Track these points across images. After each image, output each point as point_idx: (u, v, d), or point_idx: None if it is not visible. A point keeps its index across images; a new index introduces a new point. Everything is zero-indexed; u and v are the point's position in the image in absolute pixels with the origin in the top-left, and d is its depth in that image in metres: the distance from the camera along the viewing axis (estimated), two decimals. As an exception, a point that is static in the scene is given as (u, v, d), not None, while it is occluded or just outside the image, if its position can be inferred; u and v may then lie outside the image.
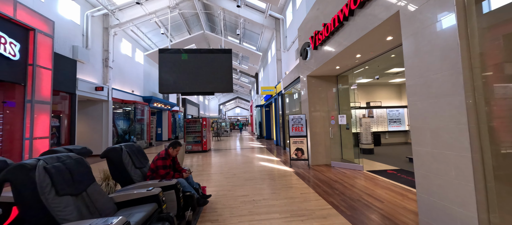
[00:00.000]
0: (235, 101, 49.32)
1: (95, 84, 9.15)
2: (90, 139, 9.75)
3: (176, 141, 3.14)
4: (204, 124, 9.72)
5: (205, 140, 9.65)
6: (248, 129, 28.90)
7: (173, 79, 9.66)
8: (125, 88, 11.81)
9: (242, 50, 14.46)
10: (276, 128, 11.62)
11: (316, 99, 6.18)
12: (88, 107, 9.88)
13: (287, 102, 9.62)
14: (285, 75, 9.65)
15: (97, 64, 9.68)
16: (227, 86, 9.69)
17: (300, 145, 5.95)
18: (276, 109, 11.63)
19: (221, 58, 9.82)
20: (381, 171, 4.99)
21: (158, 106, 15.18)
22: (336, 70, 5.66)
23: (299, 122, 6.02)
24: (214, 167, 6.39)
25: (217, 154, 8.93)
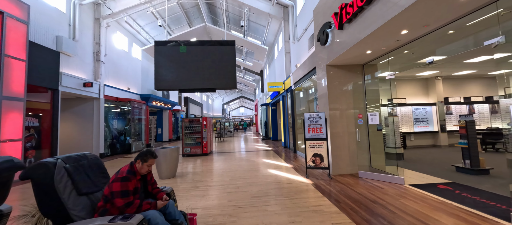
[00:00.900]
0: (239, 101, 48.34)
1: (83, 80, 8.23)
2: (79, 141, 8.84)
3: (148, 150, 2.08)
4: (205, 124, 8.68)
5: (206, 142, 8.61)
6: (253, 129, 27.81)
7: (171, 74, 8.69)
8: (120, 85, 10.90)
9: (247, 44, 13.38)
10: (284, 129, 10.50)
11: (337, 94, 5.03)
12: (77, 105, 8.99)
13: (300, 97, 8.47)
14: (295, 68, 8.51)
15: (87, 57, 8.76)
16: (230, 82, 8.66)
17: (319, 150, 4.82)
18: (285, 108, 10.51)
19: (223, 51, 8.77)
20: (430, 186, 3.82)
21: (157, 105, 14.26)
22: (365, 56, 4.50)
23: (317, 122, 4.89)
24: (213, 175, 5.32)
25: (218, 158, 7.87)
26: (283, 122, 10.57)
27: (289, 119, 9.76)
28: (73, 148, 8.76)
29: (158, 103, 14.26)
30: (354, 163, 4.94)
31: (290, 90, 8.97)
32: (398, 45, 3.93)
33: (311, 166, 4.85)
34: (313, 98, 7.41)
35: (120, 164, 7.43)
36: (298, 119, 8.53)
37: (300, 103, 8.47)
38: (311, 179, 4.67)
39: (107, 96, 9.61)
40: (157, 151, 5.08)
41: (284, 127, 10.53)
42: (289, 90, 9.29)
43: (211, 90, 8.45)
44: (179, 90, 8.27)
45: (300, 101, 8.45)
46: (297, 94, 8.72)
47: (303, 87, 7.90)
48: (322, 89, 5.26)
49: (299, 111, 8.53)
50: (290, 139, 9.69)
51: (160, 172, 5.10)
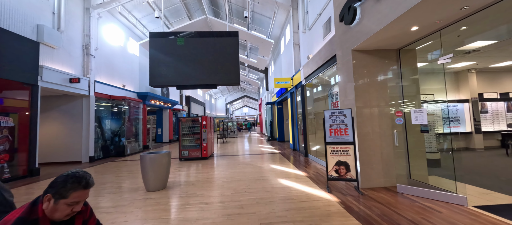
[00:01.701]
0: (243, 100, 47.45)
1: (70, 75, 7.40)
2: (67, 143, 8.02)
3: (71, 174, 1.12)
4: (204, 124, 7.74)
5: (206, 145, 7.66)
6: (257, 129, 26.86)
7: (168, 69, 7.76)
8: (114, 82, 10.07)
9: (251, 38, 12.40)
10: (292, 129, 9.49)
11: (365, 86, 4.01)
12: (65, 104, 8.16)
13: (313, 93, 7.45)
14: (307, 60, 7.49)
15: (75, 51, 7.93)
16: (233, 77, 7.70)
17: (344, 157, 3.81)
18: (293, 106, 9.50)
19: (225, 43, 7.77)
20: (504, 209, 2.77)
21: (156, 104, 13.42)
22: (405, 36, 3.47)
23: (341, 121, 3.88)
24: (212, 187, 4.36)
25: (220, 163, 6.92)
26: (292, 122, 9.56)
27: (299, 119, 8.74)
28: (60, 151, 7.95)
29: (157, 101, 13.42)
30: (388, 174, 3.91)
31: (300, 86, 7.95)
32: (459, 17, 2.89)
33: (334, 177, 3.84)
34: (327, 93, 6.40)
35: (109, 170, 6.56)
36: (310, 117, 7.51)
37: (312, 100, 7.45)
38: (335, 194, 3.66)
39: (98, 93, 8.77)
40: (143, 157, 4.15)
41: (292, 127, 9.52)
42: (299, 85, 8.27)
43: (212, 86, 7.50)
44: (176, 87, 7.34)
45: (312, 98, 7.42)
46: (308, 90, 7.70)
47: (316, 81, 6.87)
48: (346, 80, 4.24)
49: (310, 109, 7.50)
50: (299, 141, 8.68)
51: (146, 183, 4.17)
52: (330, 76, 6.10)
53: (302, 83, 7.80)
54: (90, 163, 7.96)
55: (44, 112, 8.04)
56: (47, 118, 8.05)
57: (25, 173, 5.83)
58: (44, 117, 8.03)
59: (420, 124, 3.47)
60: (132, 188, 4.40)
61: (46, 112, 8.05)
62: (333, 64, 5.26)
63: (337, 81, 5.62)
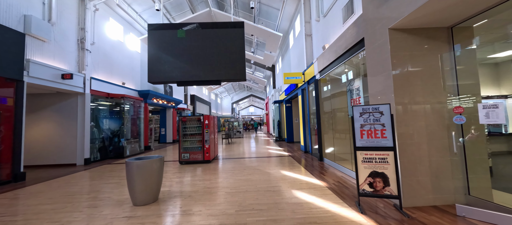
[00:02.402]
0: (249, 100, 46.72)
1: (62, 71, 6.82)
2: (60, 144, 7.47)
3: None
4: (207, 123, 6.99)
5: (208, 147, 6.92)
6: (264, 129, 26.03)
7: (167, 64, 6.97)
8: (113, 79, 9.51)
9: (258, 32, 11.58)
10: (304, 129, 8.61)
11: (408, 76, 3.12)
12: (59, 102, 7.62)
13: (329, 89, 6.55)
14: (322, 51, 6.60)
15: (69, 45, 7.36)
16: (238, 73, 6.86)
17: (380, 167, 2.93)
18: (305, 103, 8.61)
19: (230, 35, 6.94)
20: None
21: (159, 102, 12.84)
22: (461, 8, 2.57)
23: (376, 120, 3.00)
24: (212, 202, 3.58)
25: (223, 168, 6.15)
26: (303, 121, 8.68)
27: (312, 118, 7.85)
28: (52, 153, 7.41)
29: (159, 100, 12.84)
30: (440, 188, 3.00)
31: (314, 81, 7.06)
32: None
33: (368, 193, 2.97)
34: (346, 89, 5.52)
35: (101, 174, 5.91)
36: (325, 116, 6.62)
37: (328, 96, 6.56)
38: (371, 215, 2.79)
39: (95, 91, 8.20)
40: (129, 164, 3.42)
41: (303, 127, 8.64)
42: (312, 80, 7.38)
43: (216, 82, 6.71)
44: (177, 83, 6.62)
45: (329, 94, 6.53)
46: (324, 85, 6.80)
47: (334, 74, 5.98)
48: (379, 69, 3.35)
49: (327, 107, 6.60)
50: (312, 143, 7.79)
51: (133, 195, 3.43)
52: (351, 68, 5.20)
53: (316, 77, 6.91)
54: (85, 165, 7.38)
55: (36, 111, 7.53)
56: (39, 118, 7.53)
57: (9, 178, 5.26)
58: (36, 116, 7.52)
59: (490, 124, 2.55)
60: (117, 201, 3.68)
61: (39, 111, 7.54)
62: (358, 51, 4.37)
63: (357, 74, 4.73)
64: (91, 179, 5.38)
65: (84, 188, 4.57)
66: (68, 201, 3.76)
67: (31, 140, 7.43)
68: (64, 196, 4.06)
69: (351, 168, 4.84)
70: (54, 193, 4.26)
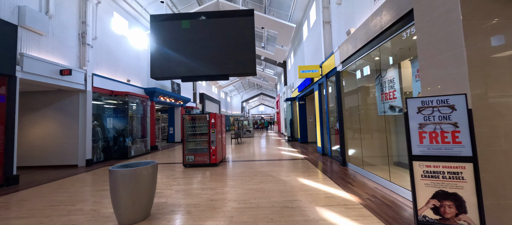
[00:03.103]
0: (259, 98, 45.94)
1: (61, 66, 6.41)
2: (61, 144, 7.10)
3: None
4: (213, 122, 6.30)
5: (214, 148, 6.22)
6: (274, 128, 25.14)
7: (170, 58, 6.31)
8: (117, 76, 9.10)
9: (269, 23, 10.74)
10: (321, 129, 7.69)
11: (489, 54, 2.18)
12: (59, 100, 7.26)
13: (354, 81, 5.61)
14: (347, 35, 5.66)
15: (69, 39, 6.95)
16: (248, 66, 6.11)
17: (451, 185, 2.03)
18: (322, 100, 7.69)
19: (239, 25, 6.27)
20: None
21: (166, 101, 12.40)
22: None
23: (444, 117, 2.10)
24: (215, 220, 2.84)
25: (231, 173, 5.42)
26: (320, 119, 7.76)
27: (331, 115, 6.92)
28: (54, 154, 7.06)
29: (166, 98, 12.39)
30: (542, 218, 2.05)
31: (334, 73, 6.14)
32: None
33: (432, 222, 2.08)
34: (377, 82, 4.61)
35: (97, 179, 5.39)
36: (349, 113, 5.69)
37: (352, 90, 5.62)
38: (440, 256, 1.91)
39: (97, 88, 7.78)
40: (113, 173, 2.76)
41: (321, 126, 7.72)
42: (332, 73, 6.45)
43: (223, 77, 5.99)
44: (181, 79, 5.99)
45: (354, 87, 5.59)
46: (343, 79, 5.86)
47: (361, 63, 5.04)
48: (442, 46, 2.43)
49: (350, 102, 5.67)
50: (331, 144, 6.87)
51: (117, 211, 2.77)
52: (383, 55, 4.26)
53: (337, 69, 5.98)
54: (86, 167, 6.96)
55: (38, 110, 7.21)
56: (40, 116, 7.21)
57: (1, 182, 4.85)
58: (37, 115, 7.20)
59: None
60: (101, 217, 3.05)
61: (40, 109, 7.22)
62: (400, 30, 3.43)
63: (391, 62, 3.81)
64: (86, 184, 4.85)
65: (73, 196, 4.01)
66: (47, 214, 3.19)
67: (32, 140, 7.12)
68: (46, 206, 3.50)
69: (388, 178, 3.91)
70: (38, 202, 3.74)
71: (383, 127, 4.89)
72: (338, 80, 5.90)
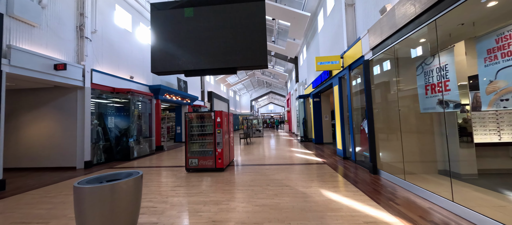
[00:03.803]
0: (268, 97, 45.02)
1: (56, 61, 5.91)
2: (59, 145, 6.65)
3: None
4: (219, 121, 5.54)
5: (221, 151, 5.46)
6: (285, 127, 24.17)
7: (173, 50, 5.55)
8: (120, 73, 8.59)
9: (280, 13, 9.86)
10: (342, 129, 6.72)
11: None
12: (57, 98, 6.81)
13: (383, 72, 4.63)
14: (382, 14, 4.68)
15: (65, 32, 6.45)
16: (258, 58, 5.23)
17: None
18: (343, 95, 6.73)
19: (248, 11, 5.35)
20: None
21: (172, 99, 11.85)
22: None
23: None
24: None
25: (239, 181, 4.64)
26: (340, 118, 6.79)
27: (355, 113, 5.95)
28: (52, 154, 6.62)
29: (173, 96, 11.84)
30: None
31: (362, 63, 5.17)
32: None
33: None
34: (417, 71, 3.66)
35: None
36: (381, 110, 4.72)
37: (385, 82, 4.64)
38: None
39: (97, 85, 7.27)
40: (79, 190, 2.03)
41: (342, 126, 6.75)
42: (358, 63, 5.48)
43: (231, 71, 5.20)
44: (184, 73, 5.29)
45: (389, 78, 4.62)
46: (373, 69, 4.87)
47: (397, 49, 4.05)
48: None
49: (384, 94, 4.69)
50: (355, 146, 5.90)
51: (86, 242, 2.04)
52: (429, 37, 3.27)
53: (365, 58, 5.01)
54: (85, 169, 6.46)
55: (33, 108, 6.79)
56: (38, 115, 6.80)
57: (-15, 188, 4.37)
58: (34, 114, 6.79)
59: None
60: (71, 244, 2.35)
61: (37, 107, 6.80)
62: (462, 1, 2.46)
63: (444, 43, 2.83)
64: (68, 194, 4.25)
65: (54, 208, 3.39)
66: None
67: (28, 140, 6.72)
68: (16, 223, 2.88)
69: (450, 196, 2.93)
70: (11, 215, 3.14)
71: (429, 128, 3.89)
72: (366, 71, 4.93)
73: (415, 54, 3.86)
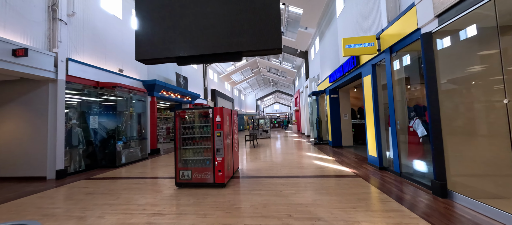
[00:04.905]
0: (274, 96, 43.57)
1: (16, 45, 4.71)
2: (28, 150, 5.46)
3: None
4: (219, 121, 4.19)
5: (221, 160, 4.10)
6: (293, 127, 22.66)
7: (162, 33, 3.95)
8: (106, 65, 7.39)
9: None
10: (377, 131, 5.24)
11: None
12: (26, 93, 5.64)
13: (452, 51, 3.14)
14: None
15: (32, 12, 5.25)
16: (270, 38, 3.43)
17: None
18: (377, 87, 5.27)
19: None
20: None
21: (170, 96, 10.63)
22: None
23: None
24: None
25: (246, 209, 3.29)
26: (375, 116, 5.33)
27: (400, 107, 4.49)
28: (19, 162, 5.45)
29: (170, 93, 10.61)
30: None
31: (421, 38, 3.71)
32: None
33: None
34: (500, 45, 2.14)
35: (53, 202, 3.54)
36: (450, 103, 3.25)
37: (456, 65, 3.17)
38: None
39: (75, 78, 6.06)
40: None
41: (376, 126, 5.28)
42: (409, 41, 4.02)
43: (235, 56, 3.81)
44: (177, 61, 3.95)
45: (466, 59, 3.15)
46: (436, 46, 3.40)
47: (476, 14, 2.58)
48: None
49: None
50: (400, 155, 4.43)
51: None
52: None
53: (423, 31, 3.55)
54: (57, 180, 5.25)
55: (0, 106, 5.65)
56: (2, 114, 5.64)
57: None
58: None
59: None
60: None
61: (2, 105, 5.65)
62: None
63: None
64: (29, 212, 2.99)
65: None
66: None
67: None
68: None
69: None
70: None
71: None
72: (427, 49, 3.46)
73: None
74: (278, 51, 2.95)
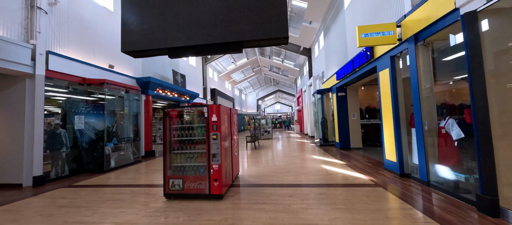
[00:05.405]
0: (275, 96, 42.92)
1: (-16, 35, 4.10)
2: (3, 153, 4.87)
3: None
4: (215, 121, 3.55)
5: (218, 168, 3.47)
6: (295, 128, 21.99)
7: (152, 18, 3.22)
8: (95, 60, 6.78)
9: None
10: (397, 133, 4.60)
11: None
12: (1, 90, 5.03)
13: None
14: None
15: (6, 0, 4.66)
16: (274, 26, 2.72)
17: None
18: (396, 82, 4.63)
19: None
20: None
21: (166, 94, 10.02)
22: None
23: None
24: None
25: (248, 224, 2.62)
26: (394, 115, 4.68)
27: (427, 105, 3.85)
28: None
29: (167, 92, 10.00)
30: None
31: (462, 18, 3.07)
32: None
33: None
34: None
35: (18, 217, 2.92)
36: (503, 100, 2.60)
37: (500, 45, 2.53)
38: None
39: (57, 73, 5.46)
40: None
41: (396, 127, 4.63)
42: (443, 25, 3.38)
43: (235, 47, 3.08)
44: (168, 53, 3.25)
45: None
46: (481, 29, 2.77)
47: None
48: None
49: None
50: (428, 161, 3.78)
51: None
52: None
53: (463, 11, 2.91)
54: (34, 188, 4.65)
55: (-30, 103, 5.05)
56: (-25, 113, 5.05)
57: None
58: (-30, 111, 5.04)
59: None
60: None
61: (-26, 103, 5.05)
62: None
63: None
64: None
65: None
66: None
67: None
68: None
69: None
70: None
71: None
72: (470, 32, 2.82)
73: None
74: (283, 40, 2.30)
